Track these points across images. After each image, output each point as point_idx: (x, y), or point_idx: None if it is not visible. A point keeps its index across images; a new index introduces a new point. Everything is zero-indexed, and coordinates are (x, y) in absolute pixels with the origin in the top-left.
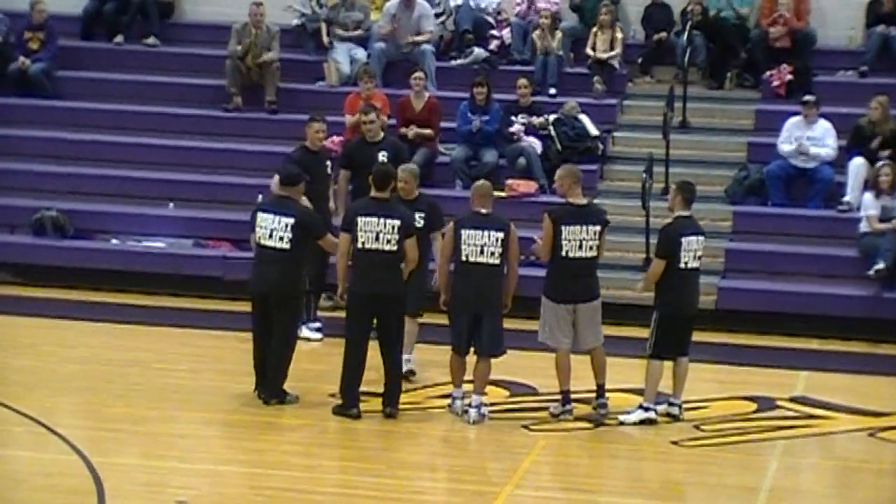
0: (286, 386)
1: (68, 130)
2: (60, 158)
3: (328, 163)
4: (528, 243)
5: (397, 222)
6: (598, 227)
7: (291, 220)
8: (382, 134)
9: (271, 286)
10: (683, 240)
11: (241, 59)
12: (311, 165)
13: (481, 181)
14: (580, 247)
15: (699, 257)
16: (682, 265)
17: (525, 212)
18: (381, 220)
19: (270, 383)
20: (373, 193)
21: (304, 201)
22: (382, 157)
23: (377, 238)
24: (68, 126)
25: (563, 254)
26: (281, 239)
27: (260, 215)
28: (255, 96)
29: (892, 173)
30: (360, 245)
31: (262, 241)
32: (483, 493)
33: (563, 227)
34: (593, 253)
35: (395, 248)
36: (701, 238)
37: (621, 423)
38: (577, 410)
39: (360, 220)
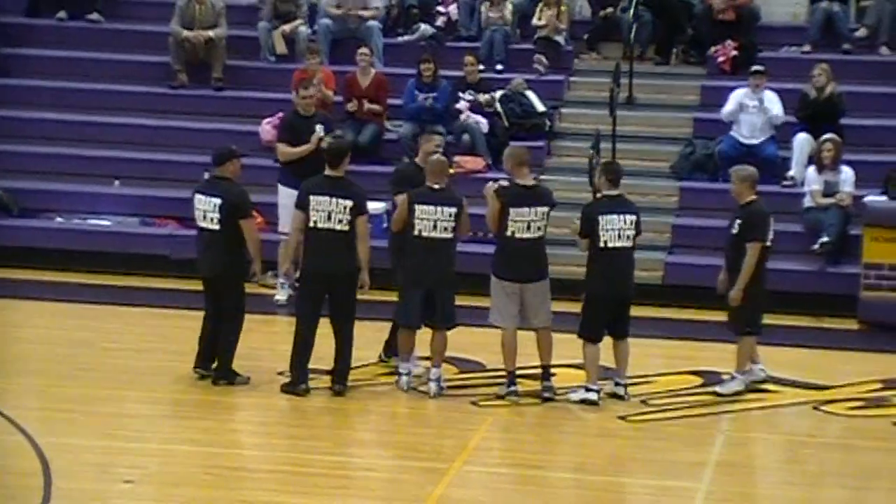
0: (236, 365)
1: (12, 108)
2: (4, 136)
3: (320, 126)
4: (477, 220)
5: (349, 203)
6: (545, 209)
7: (219, 201)
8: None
9: (210, 267)
10: (601, 218)
11: (186, 37)
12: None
13: (436, 156)
14: (528, 228)
15: (629, 237)
16: (603, 244)
17: (473, 188)
18: (333, 200)
19: (219, 365)
20: (326, 171)
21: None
22: (319, 129)
23: (329, 217)
24: (12, 104)
25: (510, 234)
26: (211, 220)
27: (196, 197)
28: (202, 73)
29: (835, 148)
30: (312, 224)
31: (199, 223)
32: (433, 469)
33: (510, 210)
34: (540, 233)
35: (346, 227)
36: (629, 217)
37: (567, 399)
38: (526, 386)
39: (313, 199)
